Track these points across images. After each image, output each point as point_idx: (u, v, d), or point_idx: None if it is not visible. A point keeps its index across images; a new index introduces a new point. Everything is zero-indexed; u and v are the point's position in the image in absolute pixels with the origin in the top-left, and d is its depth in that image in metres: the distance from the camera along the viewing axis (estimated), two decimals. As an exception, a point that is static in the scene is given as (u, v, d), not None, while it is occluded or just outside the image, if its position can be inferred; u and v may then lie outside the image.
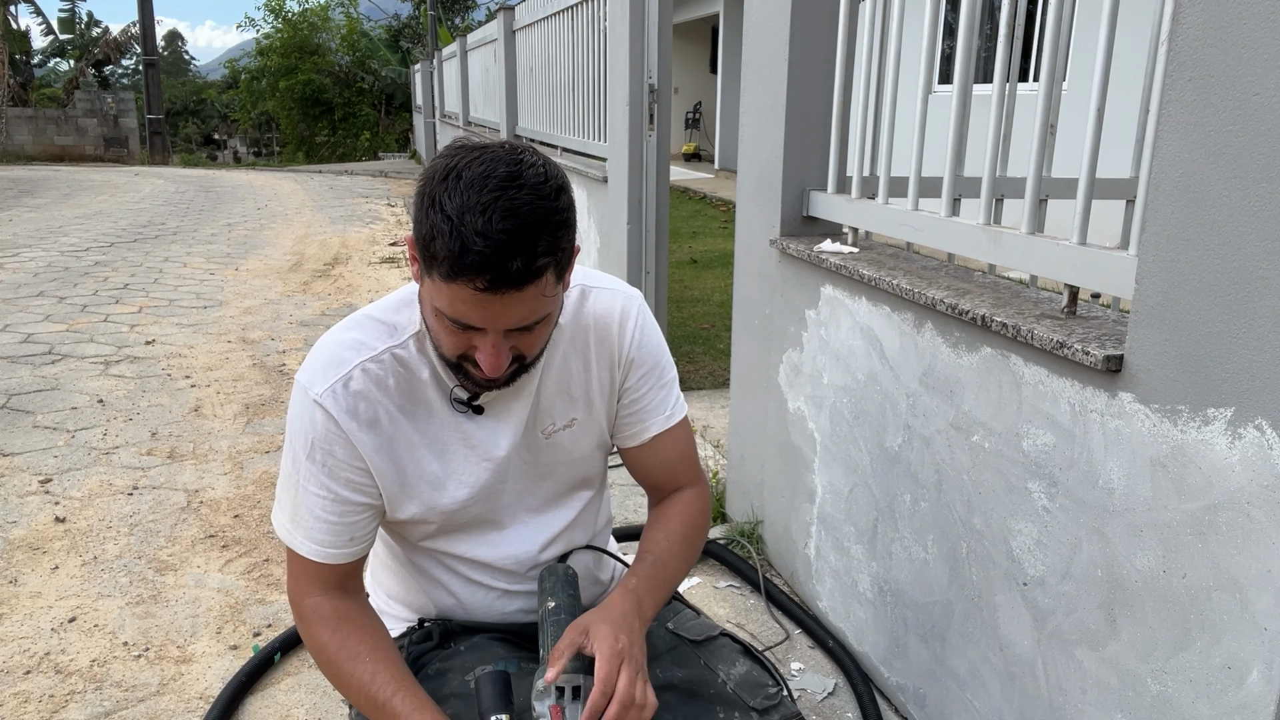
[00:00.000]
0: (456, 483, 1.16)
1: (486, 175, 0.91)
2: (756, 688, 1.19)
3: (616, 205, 4.08)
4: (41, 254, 7.23)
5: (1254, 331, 1.06)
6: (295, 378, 1.11)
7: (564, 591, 1.13)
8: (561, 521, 1.25)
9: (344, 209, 10.79)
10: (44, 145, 18.28)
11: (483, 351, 0.99)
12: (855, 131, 2.09)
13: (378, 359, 1.10)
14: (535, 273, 0.92)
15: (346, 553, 1.13)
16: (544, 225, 0.92)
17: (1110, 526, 1.30)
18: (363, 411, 1.09)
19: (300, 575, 1.14)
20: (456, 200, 0.90)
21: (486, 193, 0.90)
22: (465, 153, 0.94)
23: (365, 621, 1.14)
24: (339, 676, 1.09)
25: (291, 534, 1.13)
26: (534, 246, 0.91)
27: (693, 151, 16.81)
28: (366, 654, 1.08)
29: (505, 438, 1.16)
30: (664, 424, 1.25)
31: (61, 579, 2.44)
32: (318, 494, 1.10)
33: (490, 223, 0.89)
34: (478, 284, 0.91)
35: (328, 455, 1.09)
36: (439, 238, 0.90)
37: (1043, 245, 1.49)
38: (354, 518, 1.12)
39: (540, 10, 5.62)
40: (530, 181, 0.92)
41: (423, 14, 23.97)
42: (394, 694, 1.05)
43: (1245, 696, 1.11)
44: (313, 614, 1.12)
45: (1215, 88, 1.08)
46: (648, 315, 1.23)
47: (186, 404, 3.83)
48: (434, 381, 1.12)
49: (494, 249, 0.89)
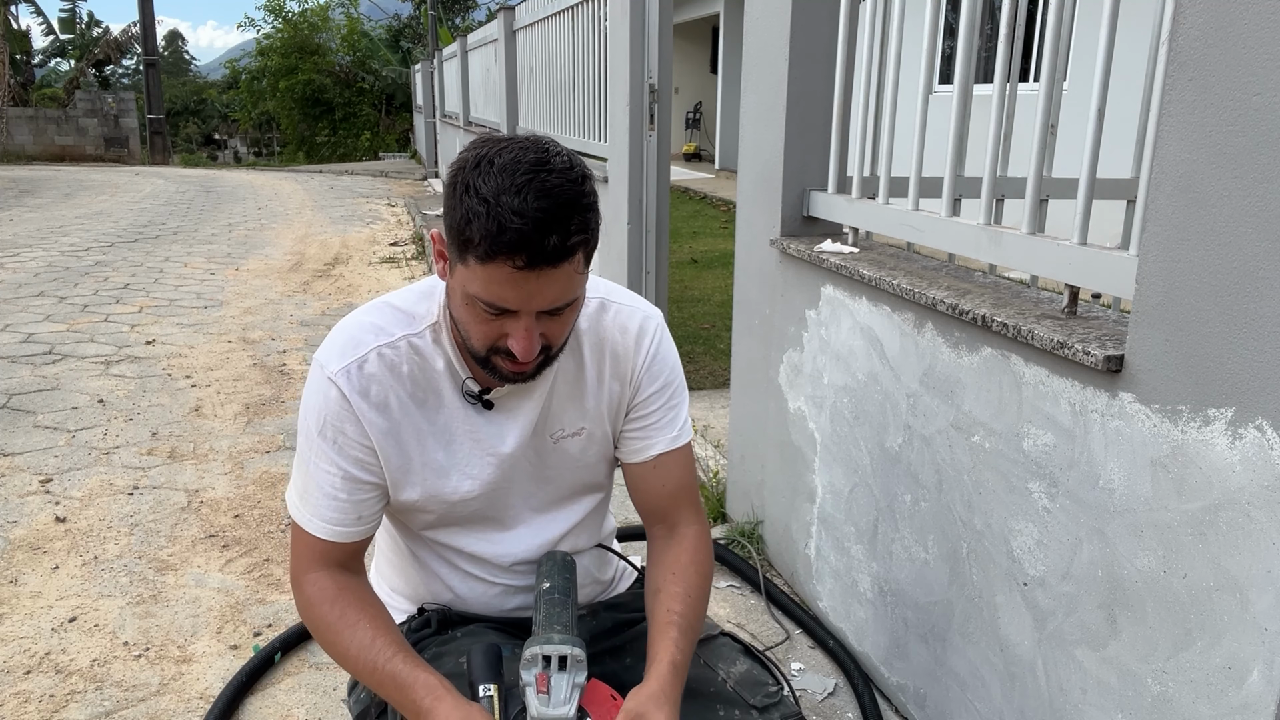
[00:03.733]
0: (460, 474, 1.16)
1: (517, 161, 0.94)
2: (757, 686, 1.20)
3: (617, 205, 4.08)
4: (42, 254, 7.23)
5: (1254, 331, 1.06)
6: (314, 356, 1.13)
7: (560, 575, 1.14)
8: (566, 524, 1.26)
9: (344, 209, 10.80)
10: (44, 145, 18.28)
11: (515, 337, 1.01)
12: (855, 131, 2.09)
13: (394, 345, 1.12)
14: (569, 250, 0.95)
15: (353, 531, 1.15)
16: (575, 205, 0.95)
17: (1111, 527, 1.30)
18: (374, 394, 1.10)
19: (304, 553, 1.15)
20: (491, 184, 0.93)
21: (520, 175, 0.93)
22: (493, 143, 0.98)
23: (365, 595, 1.15)
24: (338, 646, 1.11)
25: (300, 510, 1.14)
26: (567, 224, 0.94)
27: (693, 151, 16.80)
28: (366, 623, 1.10)
29: (512, 435, 1.17)
30: (670, 444, 1.23)
31: (62, 579, 2.44)
32: (328, 470, 1.12)
33: (526, 202, 0.92)
34: (516, 261, 0.94)
35: (339, 433, 1.10)
36: (475, 220, 0.93)
37: (1043, 245, 1.49)
38: (362, 496, 1.14)
39: (541, 10, 5.62)
40: (558, 167, 0.96)
41: (423, 14, 23.97)
42: (392, 657, 1.07)
43: (1245, 697, 1.11)
44: (313, 587, 1.14)
45: (1216, 88, 1.08)
46: (666, 335, 1.23)
47: (187, 404, 3.83)
48: (447, 373, 1.14)
49: (531, 226, 0.92)
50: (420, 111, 18.04)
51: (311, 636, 2.16)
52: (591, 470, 1.25)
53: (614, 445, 1.25)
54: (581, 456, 1.23)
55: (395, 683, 1.06)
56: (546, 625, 1.06)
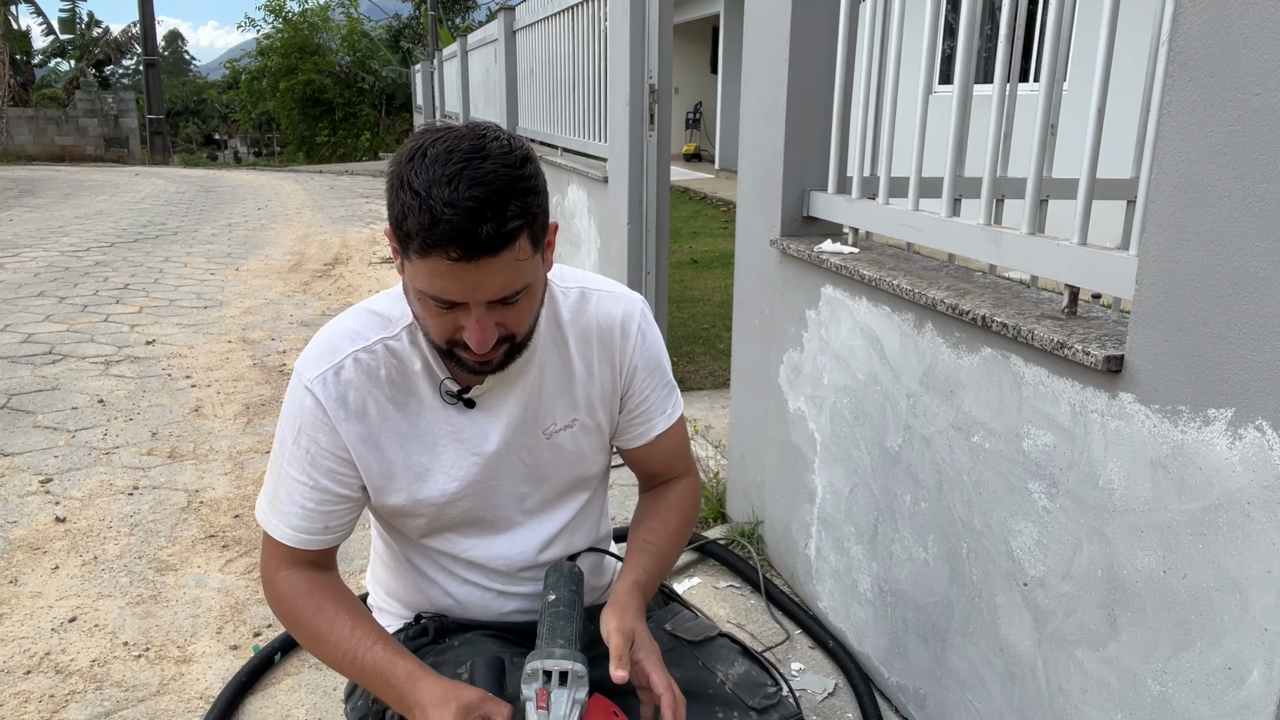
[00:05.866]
0: (445, 475, 1.16)
1: (451, 150, 0.93)
2: (755, 687, 1.19)
3: (617, 205, 4.08)
4: (42, 254, 7.24)
5: (1254, 332, 1.06)
6: (295, 364, 1.13)
7: (566, 587, 1.14)
8: (558, 523, 1.25)
9: (344, 209, 10.80)
10: (45, 145, 18.28)
11: (469, 329, 1.00)
12: (855, 132, 2.09)
13: (370, 349, 1.11)
14: (507, 237, 0.93)
15: (319, 540, 1.14)
16: (511, 191, 0.93)
17: (1111, 527, 1.30)
18: (351, 400, 1.10)
19: (273, 553, 1.16)
20: (424, 176, 0.92)
21: (451, 165, 0.92)
22: (430, 134, 0.96)
23: (338, 588, 1.16)
24: (317, 639, 1.11)
25: (268, 516, 1.15)
26: (503, 211, 0.92)
27: (693, 152, 16.80)
28: (344, 614, 1.10)
29: (495, 433, 1.17)
30: (666, 422, 1.28)
31: (62, 579, 2.44)
32: (298, 479, 1.12)
33: (457, 192, 0.91)
34: (451, 254, 0.92)
35: (312, 442, 1.10)
36: (410, 214, 0.92)
37: (1043, 245, 1.49)
38: (331, 507, 1.13)
39: (541, 10, 5.62)
40: (495, 152, 0.94)
41: (423, 14, 23.97)
42: (372, 645, 1.07)
43: (1245, 697, 1.11)
44: (285, 584, 1.14)
45: (1216, 88, 1.08)
46: (649, 319, 1.24)
47: (187, 404, 3.83)
48: (425, 373, 1.13)
49: (462, 216, 0.91)
50: (420, 112, 18.03)
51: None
52: (587, 462, 1.26)
53: (609, 434, 1.27)
54: (576, 450, 1.23)
55: (376, 670, 1.06)
56: (549, 639, 1.05)
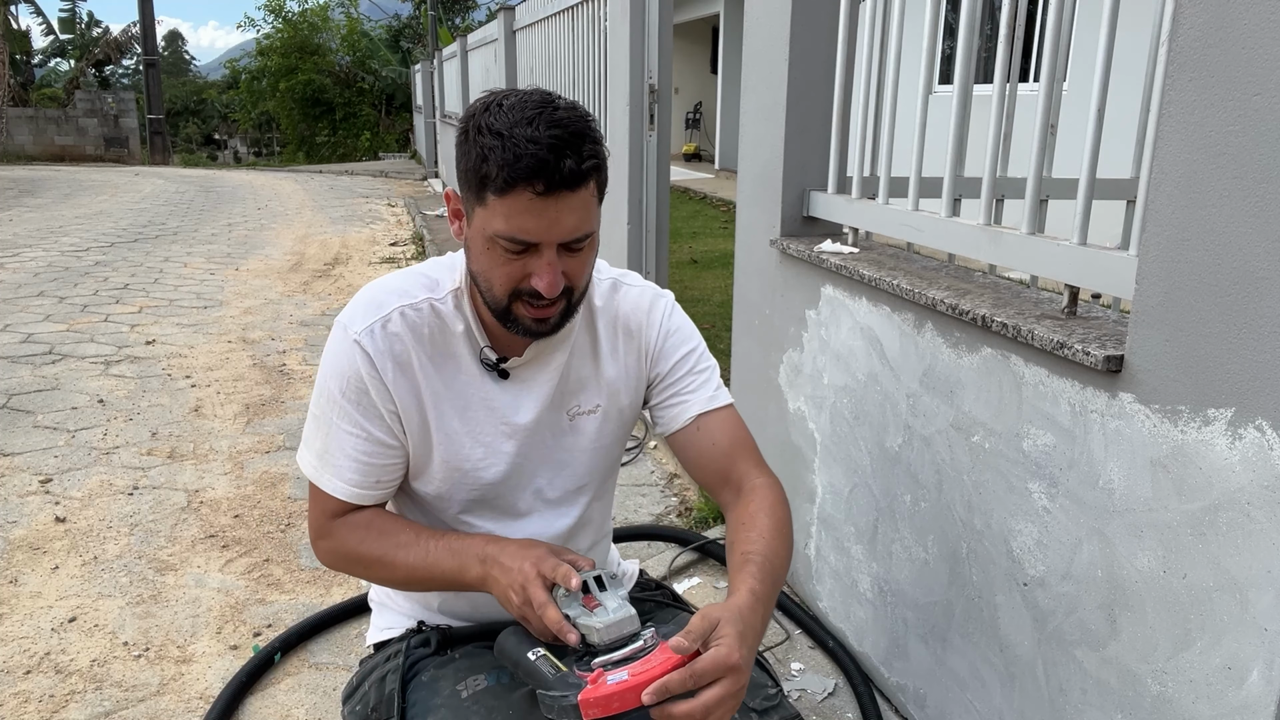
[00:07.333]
0: (474, 441, 1.17)
1: (524, 101, 1.00)
2: (755, 688, 1.19)
3: (617, 205, 4.07)
4: (42, 254, 7.23)
5: (1254, 332, 1.06)
6: (335, 319, 1.15)
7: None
8: (572, 517, 1.26)
9: (344, 209, 10.79)
10: (44, 145, 18.28)
11: (539, 274, 1.03)
12: (855, 132, 2.09)
13: (416, 307, 1.14)
14: (585, 174, 1.00)
15: (372, 494, 1.16)
16: (585, 135, 1.00)
17: (1110, 527, 1.30)
18: (398, 353, 1.12)
19: (325, 508, 1.17)
20: (504, 119, 0.98)
21: (529, 109, 0.99)
22: (497, 94, 1.03)
23: (393, 514, 1.19)
24: (385, 558, 1.13)
25: (319, 471, 1.15)
26: (580, 149, 0.99)
27: (693, 152, 16.80)
28: (405, 527, 1.15)
29: (528, 407, 1.18)
30: (707, 404, 1.23)
31: (61, 579, 2.44)
32: (351, 432, 1.13)
33: (539, 130, 0.97)
34: (536, 187, 0.97)
35: (362, 394, 1.12)
36: (491, 155, 0.97)
37: (1043, 245, 1.49)
38: (383, 460, 1.15)
39: (541, 10, 5.62)
40: (563, 105, 1.01)
41: (423, 14, 23.94)
42: (443, 535, 1.13)
43: (1245, 697, 1.11)
44: (341, 527, 1.16)
45: (1216, 88, 1.08)
46: (677, 309, 1.28)
47: (187, 404, 3.83)
48: (466, 338, 1.16)
49: (546, 150, 0.96)
50: (420, 112, 18.04)
51: (312, 634, 2.17)
52: (606, 453, 1.27)
53: (630, 423, 1.27)
54: (599, 437, 1.24)
55: (450, 550, 1.09)
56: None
